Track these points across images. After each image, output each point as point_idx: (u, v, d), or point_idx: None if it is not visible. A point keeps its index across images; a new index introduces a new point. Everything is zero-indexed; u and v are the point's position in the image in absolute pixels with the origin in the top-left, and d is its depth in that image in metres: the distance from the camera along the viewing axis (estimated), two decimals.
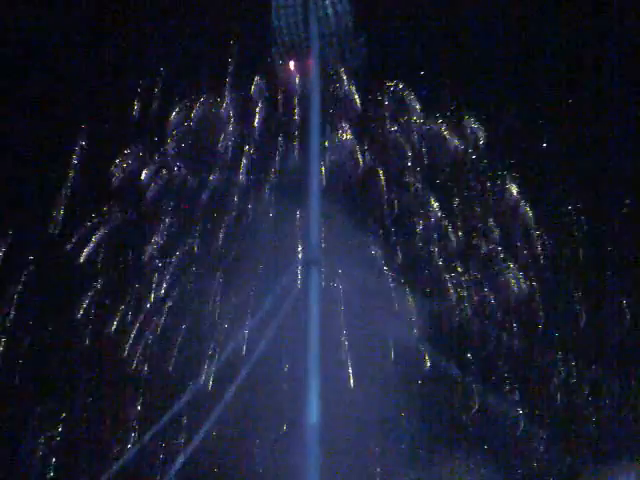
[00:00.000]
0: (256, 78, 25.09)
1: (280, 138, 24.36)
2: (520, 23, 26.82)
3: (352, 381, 22.58)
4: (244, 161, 24.74)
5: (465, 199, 25.79)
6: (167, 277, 25.35)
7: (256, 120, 24.51)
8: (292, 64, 23.29)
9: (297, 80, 23.34)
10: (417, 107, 25.47)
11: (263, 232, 23.85)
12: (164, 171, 25.86)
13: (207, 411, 22.40)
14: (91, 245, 25.00)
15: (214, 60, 25.70)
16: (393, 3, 25.98)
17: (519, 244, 25.26)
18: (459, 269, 25.11)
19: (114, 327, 24.82)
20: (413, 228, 25.54)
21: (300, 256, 22.26)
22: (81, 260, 24.80)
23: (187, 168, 25.99)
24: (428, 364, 23.28)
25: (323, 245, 21.99)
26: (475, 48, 26.45)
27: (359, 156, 24.68)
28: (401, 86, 25.50)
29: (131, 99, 26.41)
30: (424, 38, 25.98)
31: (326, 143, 23.72)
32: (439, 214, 25.45)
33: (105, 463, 22.64)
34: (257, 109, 24.49)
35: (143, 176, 25.57)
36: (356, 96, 25.08)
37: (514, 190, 25.25)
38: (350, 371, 22.69)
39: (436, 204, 25.42)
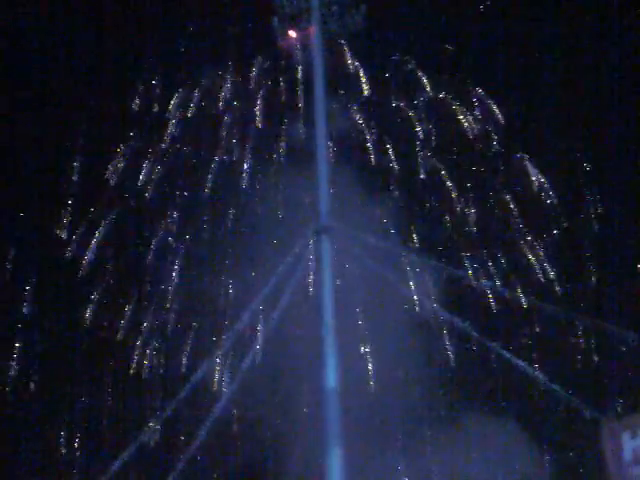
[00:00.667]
0: (258, 58, 25.36)
1: (285, 108, 24.63)
2: None
3: (367, 348, 22.81)
4: (250, 134, 24.96)
5: (479, 176, 25.85)
6: (177, 261, 25.46)
7: (259, 93, 24.74)
8: (293, 34, 23.42)
9: (299, 50, 23.52)
10: (425, 82, 25.54)
11: (272, 204, 24.01)
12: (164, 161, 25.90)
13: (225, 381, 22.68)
14: (92, 247, 25.02)
15: (213, 37, 25.82)
16: None
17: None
18: (474, 240, 25.25)
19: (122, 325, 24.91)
20: (426, 201, 25.63)
21: (311, 225, 22.40)
22: (82, 267, 24.85)
23: (189, 152, 26.04)
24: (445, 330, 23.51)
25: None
26: (491, 22, 26.37)
27: (365, 129, 24.86)
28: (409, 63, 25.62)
29: (125, 90, 26.40)
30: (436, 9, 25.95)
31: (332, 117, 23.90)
32: (450, 185, 25.54)
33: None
34: (260, 82, 24.74)
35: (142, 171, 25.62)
36: (362, 73, 25.24)
37: (531, 171, 25.33)
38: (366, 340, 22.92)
39: (449, 181, 25.53)
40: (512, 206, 25.41)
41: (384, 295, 23.03)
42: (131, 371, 24.50)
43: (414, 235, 24.12)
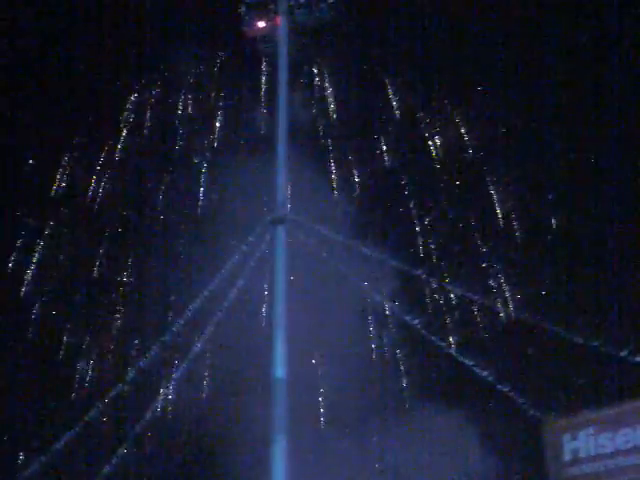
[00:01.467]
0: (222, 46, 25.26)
1: (247, 97, 24.63)
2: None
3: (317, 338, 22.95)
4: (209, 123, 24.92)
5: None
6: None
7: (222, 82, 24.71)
8: (261, 23, 23.34)
9: (265, 39, 23.48)
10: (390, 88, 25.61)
11: (229, 192, 24.00)
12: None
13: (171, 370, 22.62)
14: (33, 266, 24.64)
15: (176, 23, 25.57)
16: None
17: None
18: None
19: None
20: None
21: (266, 215, 22.40)
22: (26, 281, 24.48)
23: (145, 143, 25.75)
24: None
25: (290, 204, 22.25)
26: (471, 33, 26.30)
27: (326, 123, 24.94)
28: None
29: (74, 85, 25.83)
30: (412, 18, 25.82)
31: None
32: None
33: None
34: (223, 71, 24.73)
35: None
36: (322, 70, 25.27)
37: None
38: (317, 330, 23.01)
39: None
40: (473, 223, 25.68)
41: (337, 288, 23.15)
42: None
43: (372, 231, 24.33)
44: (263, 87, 24.91)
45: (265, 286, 22.81)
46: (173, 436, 24.33)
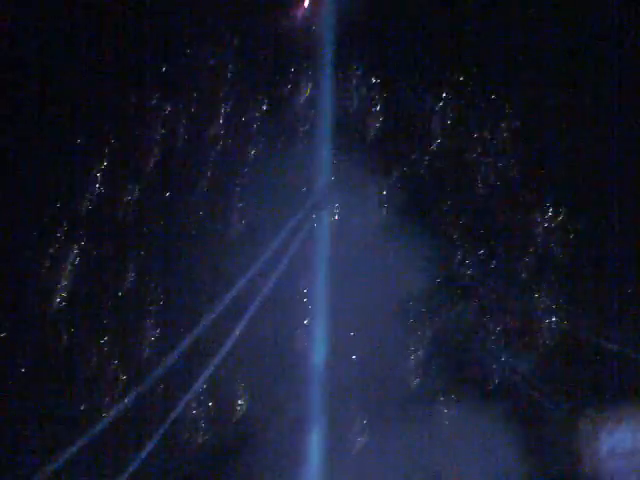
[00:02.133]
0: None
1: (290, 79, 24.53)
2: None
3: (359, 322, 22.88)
4: (250, 105, 24.82)
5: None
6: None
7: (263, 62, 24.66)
8: (305, 5, 23.41)
9: (309, 21, 23.54)
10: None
11: (269, 175, 23.91)
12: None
13: (210, 354, 22.47)
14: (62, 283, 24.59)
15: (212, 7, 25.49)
16: None
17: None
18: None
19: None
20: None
21: (307, 200, 22.43)
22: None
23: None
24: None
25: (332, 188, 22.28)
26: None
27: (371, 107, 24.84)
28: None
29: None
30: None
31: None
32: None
33: None
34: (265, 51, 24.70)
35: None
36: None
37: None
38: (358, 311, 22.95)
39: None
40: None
41: (378, 278, 23.12)
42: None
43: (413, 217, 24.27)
44: (304, 77, 24.93)
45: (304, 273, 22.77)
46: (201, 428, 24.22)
